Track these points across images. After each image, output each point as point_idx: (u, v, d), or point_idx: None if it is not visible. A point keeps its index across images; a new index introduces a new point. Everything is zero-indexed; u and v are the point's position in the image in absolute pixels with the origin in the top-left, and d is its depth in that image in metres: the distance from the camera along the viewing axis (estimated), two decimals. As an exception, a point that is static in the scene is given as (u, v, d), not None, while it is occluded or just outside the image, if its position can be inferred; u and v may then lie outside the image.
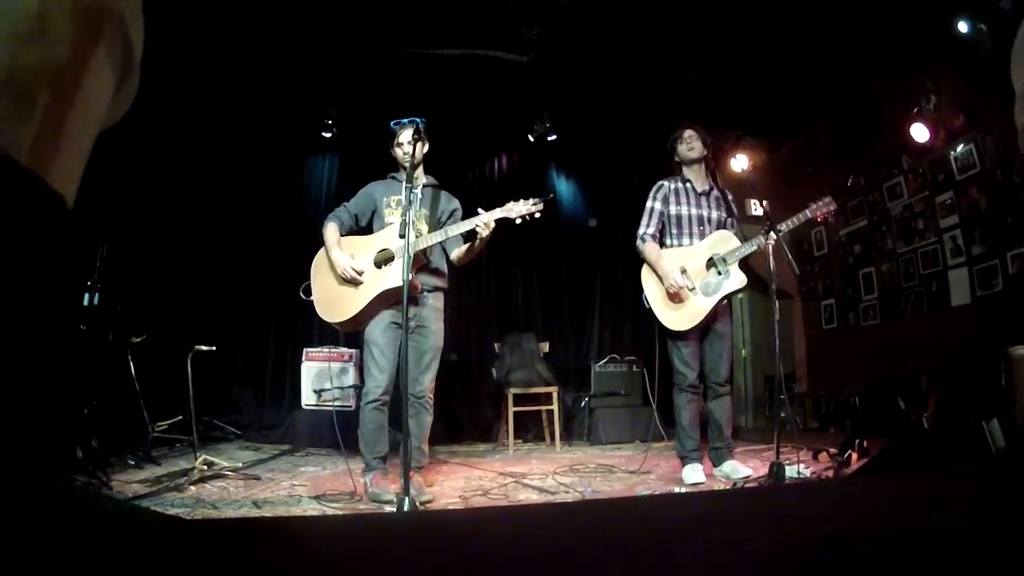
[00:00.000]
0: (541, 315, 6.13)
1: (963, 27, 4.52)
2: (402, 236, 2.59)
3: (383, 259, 3.02)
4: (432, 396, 3.05)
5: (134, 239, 4.60)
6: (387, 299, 2.97)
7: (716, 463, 3.42)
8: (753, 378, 6.54)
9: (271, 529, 0.95)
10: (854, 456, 3.38)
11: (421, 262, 3.04)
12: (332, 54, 4.74)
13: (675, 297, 3.35)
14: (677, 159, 3.62)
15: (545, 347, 5.49)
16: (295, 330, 5.49)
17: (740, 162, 5.74)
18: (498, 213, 2.95)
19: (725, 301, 3.41)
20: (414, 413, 2.93)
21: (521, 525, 0.77)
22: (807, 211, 3.44)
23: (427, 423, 3.04)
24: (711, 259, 3.37)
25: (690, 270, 3.35)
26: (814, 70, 5.36)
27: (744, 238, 3.45)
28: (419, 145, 3.04)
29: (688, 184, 3.56)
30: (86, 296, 3.86)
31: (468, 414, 5.72)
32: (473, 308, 6.01)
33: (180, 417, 4.37)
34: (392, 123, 3.28)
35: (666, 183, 3.57)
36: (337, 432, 3.42)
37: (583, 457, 4.46)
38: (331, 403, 4.53)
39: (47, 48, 0.23)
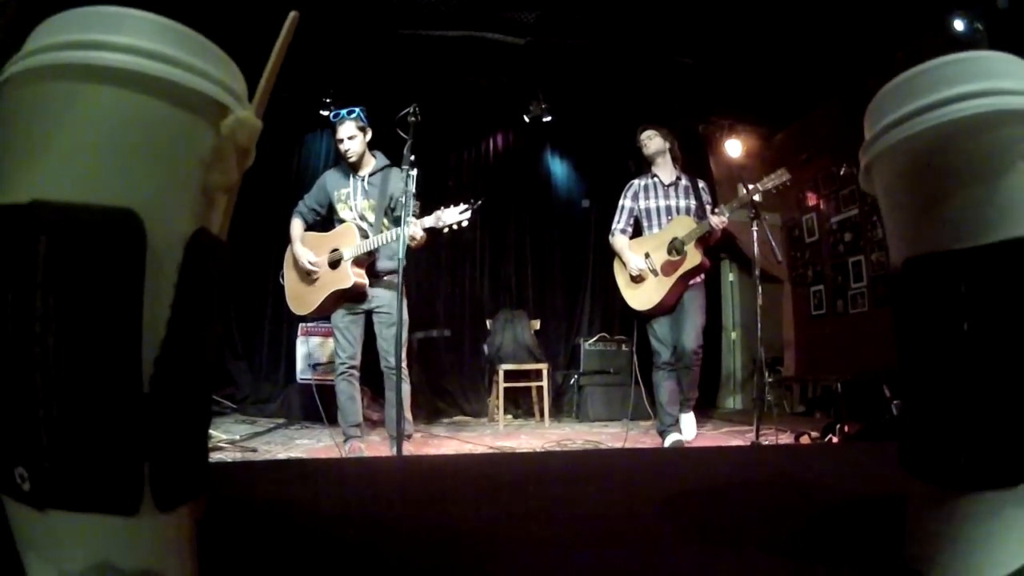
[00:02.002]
0: (533, 293, 6.30)
1: (959, 25, 4.61)
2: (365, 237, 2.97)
3: (334, 260, 3.21)
4: (405, 366, 3.21)
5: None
6: (338, 299, 3.20)
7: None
8: (741, 361, 6.75)
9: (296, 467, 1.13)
10: (834, 440, 3.58)
11: (365, 263, 3.22)
12: (331, 32, 4.81)
13: (638, 280, 3.71)
14: (645, 158, 3.98)
15: (536, 324, 5.67)
16: (290, 305, 5.62)
17: (734, 148, 5.90)
18: (428, 222, 3.12)
19: (696, 279, 3.73)
20: (390, 385, 3.19)
21: (493, 464, 0.95)
22: (759, 184, 3.75)
23: (405, 392, 3.19)
24: (671, 242, 3.67)
25: (653, 255, 3.69)
26: (811, 59, 5.43)
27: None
28: (361, 137, 3.25)
29: (655, 179, 3.88)
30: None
31: (459, 389, 5.91)
32: (466, 285, 6.17)
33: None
34: (331, 115, 3.37)
35: (636, 181, 3.94)
36: (319, 405, 3.65)
37: (571, 433, 4.66)
38: (323, 378, 4.68)
39: (223, 172, 0.38)
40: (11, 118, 0.38)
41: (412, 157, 3.23)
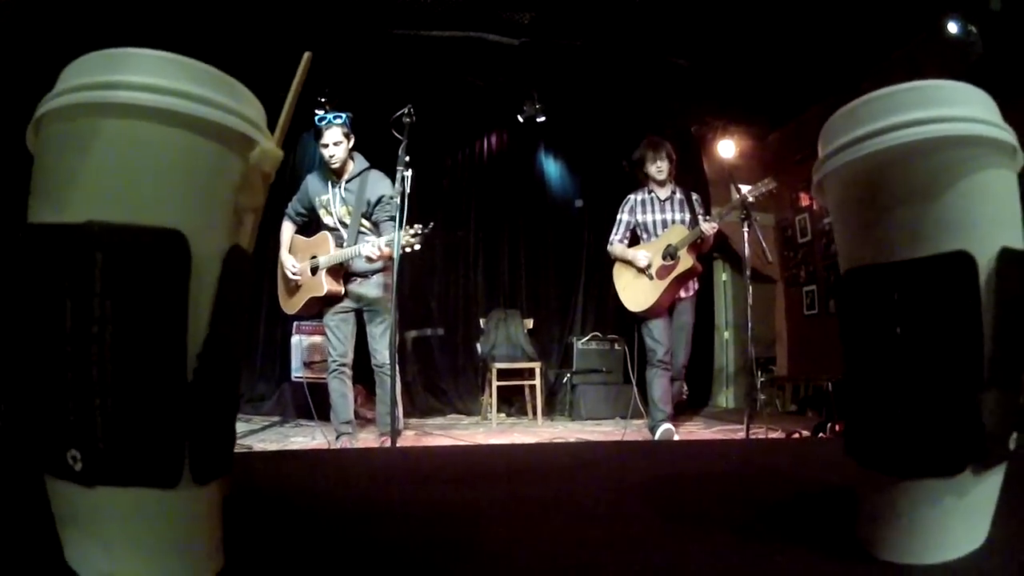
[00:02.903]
0: (527, 292, 6.35)
1: (953, 28, 4.68)
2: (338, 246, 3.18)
3: (313, 267, 3.31)
4: (388, 363, 3.24)
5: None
6: (317, 303, 3.30)
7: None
8: (734, 360, 6.83)
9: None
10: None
11: (340, 272, 3.30)
12: (327, 32, 4.85)
13: (636, 284, 3.95)
14: (645, 173, 4.13)
15: (530, 324, 5.73)
16: (285, 303, 5.67)
17: (726, 150, 5.97)
18: (383, 240, 3.18)
19: (689, 292, 3.98)
20: (380, 382, 3.29)
21: (481, 454, 1.02)
22: (747, 192, 3.90)
23: (390, 388, 3.20)
24: (666, 248, 3.87)
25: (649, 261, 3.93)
26: (805, 60, 5.50)
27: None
28: (346, 143, 3.31)
29: (652, 194, 4.11)
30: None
31: (453, 387, 5.96)
32: (460, 284, 6.23)
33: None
34: (317, 120, 3.38)
35: (633, 196, 4.17)
36: (311, 402, 3.72)
37: (564, 431, 4.72)
38: (317, 376, 4.72)
39: (251, 196, 0.44)
40: (59, 147, 0.43)
41: (407, 158, 3.29)
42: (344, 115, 3.37)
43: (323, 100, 5.38)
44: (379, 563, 0.52)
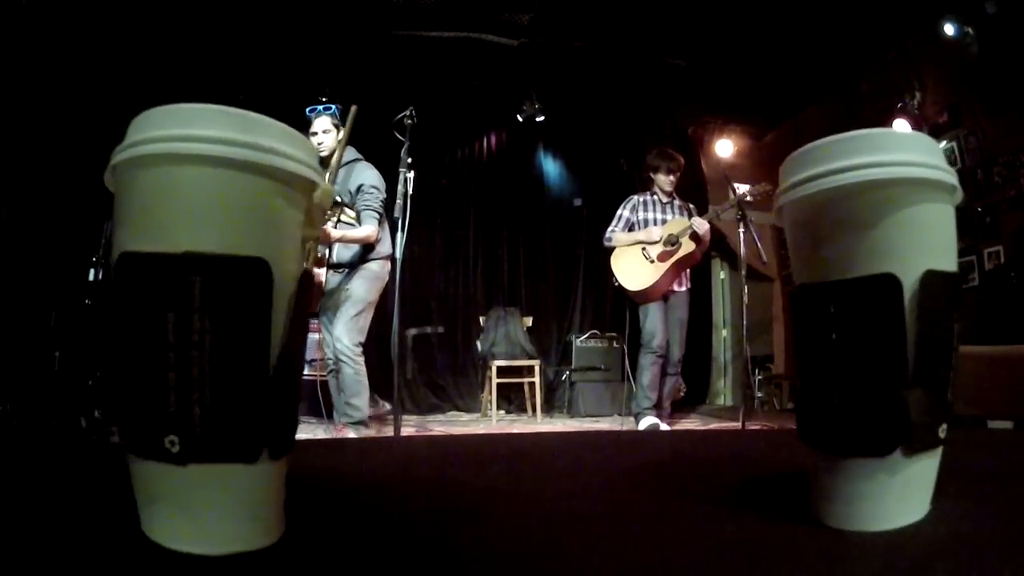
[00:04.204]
0: (526, 291, 6.47)
1: (950, 30, 4.77)
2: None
3: None
4: (350, 351, 3.29)
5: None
6: (316, 299, 3.45)
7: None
8: (731, 358, 6.94)
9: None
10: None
11: (322, 264, 3.38)
12: (327, 32, 4.94)
13: (636, 266, 4.09)
14: (652, 178, 4.36)
15: (529, 321, 5.84)
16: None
17: (724, 149, 6.07)
18: (329, 224, 3.21)
19: (683, 287, 4.13)
20: (335, 371, 3.35)
21: (476, 443, 1.13)
22: (744, 192, 4.03)
23: (347, 377, 3.28)
24: (667, 238, 4.05)
25: (649, 248, 4.10)
26: (803, 60, 5.59)
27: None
28: (334, 133, 3.30)
29: (655, 196, 4.32)
30: (91, 272, 4.11)
31: (453, 384, 6.08)
32: (460, 282, 6.34)
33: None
34: (308, 110, 3.40)
35: (636, 197, 4.35)
36: (320, 400, 3.82)
37: (562, 428, 4.83)
38: (322, 373, 4.80)
39: (313, 227, 0.55)
40: (147, 190, 0.54)
41: (409, 160, 3.38)
42: (333, 106, 3.40)
43: (323, 99, 5.47)
44: (406, 527, 0.63)
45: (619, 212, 4.35)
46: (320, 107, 3.40)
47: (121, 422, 0.54)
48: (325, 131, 3.37)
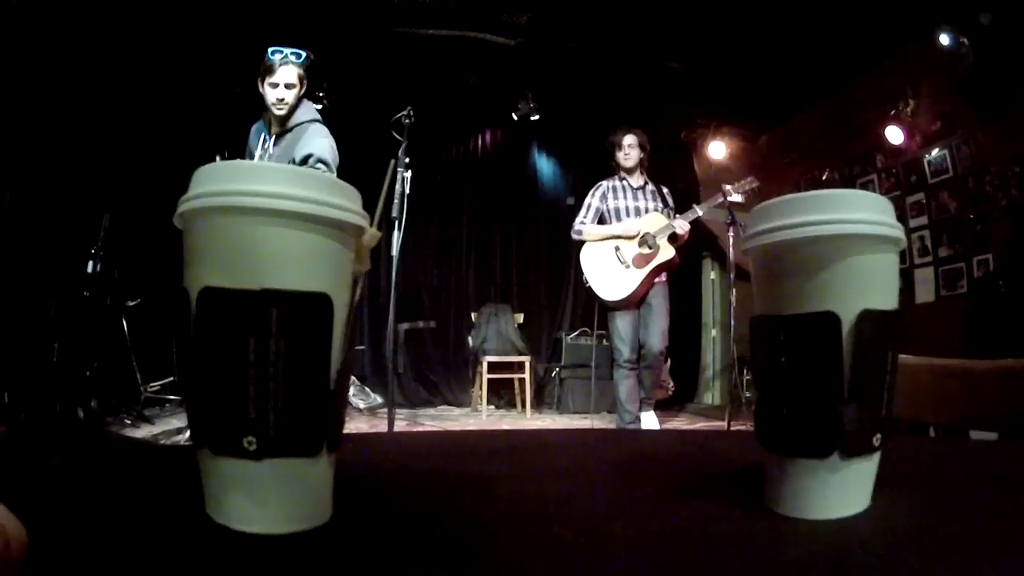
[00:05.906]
0: (517, 288, 6.63)
1: (945, 39, 4.92)
2: None
3: None
4: None
5: (134, 208, 4.94)
6: None
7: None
8: (720, 358, 7.13)
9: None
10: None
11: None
12: (326, 28, 5.04)
13: (610, 273, 3.91)
14: (615, 162, 4.21)
15: (520, 318, 6.00)
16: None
17: (718, 151, 6.22)
18: None
19: (661, 277, 4.02)
20: None
21: (468, 439, 1.28)
22: (731, 190, 4.10)
23: None
24: (643, 237, 3.92)
25: (623, 248, 3.96)
26: (797, 63, 5.74)
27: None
28: (298, 88, 2.85)
29: (625, 181, 4.19)
30: (89, 264, 4.21)
31: (444, 379, 6.24)
32: (452, 278, 6.49)
33: (172, 378, 4.79)
34: (271, 49, 2.87)
35: (604, 183, 4.22)
36: None
37: (551, 424, 4.99)
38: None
39: (361, 264, 0.69)
40: (220, 236, 0.67)
41: (407, 159, 3.49)
42: (304, 53, 2.94)
43: (321, 95, 5.58)
44: (427, 511, 0.77)
45: (587, 200, 4.18)
46: (288, 51, 2.88)
47: (200, 427, 0.67)
48: (289, 84, 2.87)
